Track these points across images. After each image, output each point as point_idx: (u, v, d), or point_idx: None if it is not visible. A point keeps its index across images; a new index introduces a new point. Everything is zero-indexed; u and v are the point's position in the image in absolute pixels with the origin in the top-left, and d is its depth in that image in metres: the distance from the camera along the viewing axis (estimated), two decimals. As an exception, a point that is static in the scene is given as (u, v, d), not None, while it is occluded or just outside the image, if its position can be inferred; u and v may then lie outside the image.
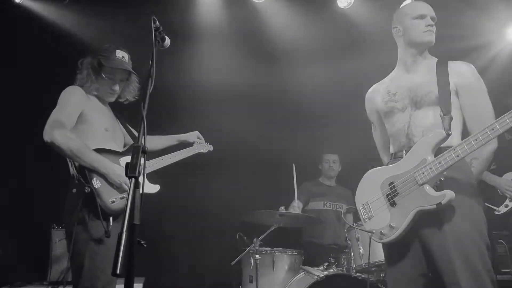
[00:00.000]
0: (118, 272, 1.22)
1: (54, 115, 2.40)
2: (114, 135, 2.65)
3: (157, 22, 1.99)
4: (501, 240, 4.17)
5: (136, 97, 2.79)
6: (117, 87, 2.66)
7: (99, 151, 2.43)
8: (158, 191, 2.71)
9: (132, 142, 2.81)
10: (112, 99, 2.72)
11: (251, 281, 3.55)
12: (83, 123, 2.48)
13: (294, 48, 4.94)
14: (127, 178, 1.42)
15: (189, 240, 4.66)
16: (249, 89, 4.83)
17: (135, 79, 2.78)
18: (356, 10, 4.89)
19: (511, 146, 3.59)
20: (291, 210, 4.16)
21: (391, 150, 2.38)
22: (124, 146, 2.75)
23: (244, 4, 4.77)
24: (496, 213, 3.41)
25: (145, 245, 1.39)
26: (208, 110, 4.76)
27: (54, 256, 3.81)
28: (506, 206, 3.37)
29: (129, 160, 1.46)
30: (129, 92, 2.78)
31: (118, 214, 2.40)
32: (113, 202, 2.39)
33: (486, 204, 3.39)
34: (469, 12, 4.48)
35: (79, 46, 4.19)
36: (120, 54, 2.64)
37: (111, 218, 2.37)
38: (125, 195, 2.42)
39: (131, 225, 1.35)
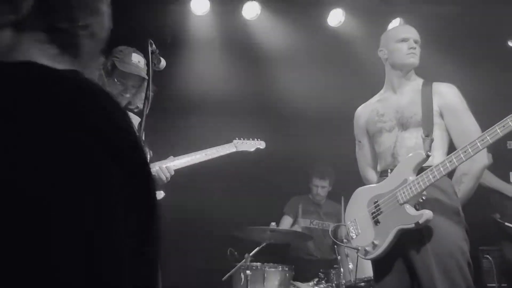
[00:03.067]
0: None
1: None
2: None
3: (154, 46, 2.09)
4: (487, 256, 4.25)
5: (140, 106, 2.67)
6: (128, 94, 2.53)
7: None
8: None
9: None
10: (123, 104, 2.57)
11: (241, 297, 3.59)
12: None
13: (285, 65, 5.04)
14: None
15: (179, 254, 4.69)
16: (240, 103, 4.91)
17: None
18: (347, 29, 5.02)
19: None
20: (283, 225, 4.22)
21: (378, 168, 2.47)
22: None
23: (236, 20, 4.88)
24: None
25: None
26: (201, 122, 4.83)
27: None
28: None
29: None
30: (141, 99, 2.60)
31: None
32: None
33: (506, 224, 3.28)
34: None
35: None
36: (136, 58, 2.49)
37: None
38: None
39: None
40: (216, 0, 4.72)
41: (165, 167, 2.48)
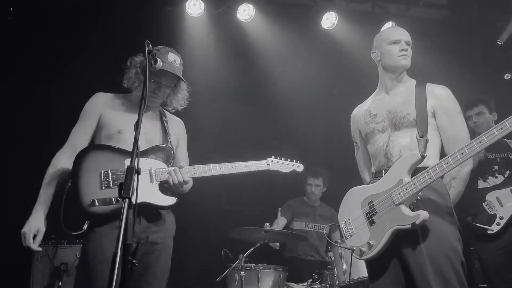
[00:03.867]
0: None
1: (69, 137, 2.45)
2: (132, 137, 2.45)
3: (150, 46, 2.09)
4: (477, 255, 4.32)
5: (184, 106, 2.68)
6: (161, 92, 2.51)
7: (100, 147, 2.39)
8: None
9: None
10: (154, 104, 2.56)
11: (236, 297, 3.59)
12: (101, 129, 2.45)
13: (278, 66, 5.07)
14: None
15: (174, 255, 4.68)
16: (233, 105, 4.91)
17: (185, 87, 2.64)
18: (340, 31, 5.07)
19: None
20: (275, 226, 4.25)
21: (372, 169, 2.49)
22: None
23: (230, 22, 4.90)
24: (490, 232, 3.40)
25: (137, 265, 1.45)
26: (193, 124, 4.82)
27: (35, 273, 3.78)
28: (498, 224, 3.39)
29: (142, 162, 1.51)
30: (177, 100, 2.64)
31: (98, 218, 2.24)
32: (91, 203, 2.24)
33: (478, 225, 3.46)
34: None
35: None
36: (172, 57, 2.50)
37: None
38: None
39: (124, 245, 1.41)
40: (211, 2, 4.74)
41: (179, 171, 2.38)
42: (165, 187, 2.41)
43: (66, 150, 2.41)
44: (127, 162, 2.29)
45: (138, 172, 1.54)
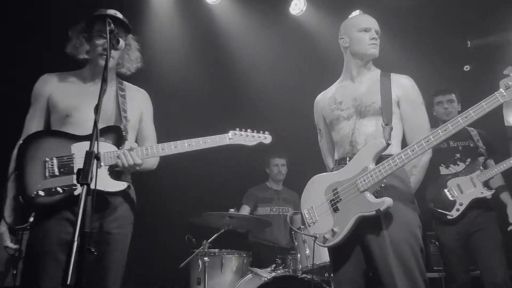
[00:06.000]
0: (68, 283, 1.21)
1: (25, 125, 2.31)
2: (82, 120, 2.25)
3: (112, 25, 1.99)
4: (434, 240, 4.49)
5: (139, 66, 2.49)
6: (115, 52, 2.29)
7: (43, 133, 2.24)
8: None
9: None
10: (102, 62, 2.27)
11: (199, 283, 3.58)
12: (51, 113, 2.31)
13: (246, 50, 5.01)
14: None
15: (136, 241, 4.59)
16: (198, 89, 4.83)
17: (135, 46, 2.49)
18: (308, 17, 5.06)
19: None
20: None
21: (336, 156, 2.50)
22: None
23: (197, 4, 4.78)
24: (450, 217, 3.54)
25: (95, 253, 1.39)
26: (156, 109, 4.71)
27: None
28: (458, 210, 3.52)
29: (87, 148, 1.45)
30: (129, 60, 2.45)
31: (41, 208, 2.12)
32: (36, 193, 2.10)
33: (438, 210, 3.59)
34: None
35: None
36: (113, 11, 2.34)
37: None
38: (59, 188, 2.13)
39: (82, 233, 1.35)
40: (177, -19, 4.60)
41: (128, 154, 2.20)
42: (118, 171, 2.26)
43: (20, 139, 2.27)
44: (74, 147, 2.19)
45: (97, 158, 1.47)
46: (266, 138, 2.53)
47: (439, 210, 3.60)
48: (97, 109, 1.60)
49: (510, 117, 4.86)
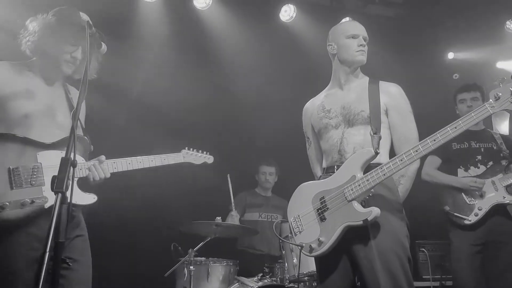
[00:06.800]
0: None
1: None
2: (41, 123, 2.09)
3: (93, 28, 1.93)
4: (423, 249, 4.47)
5: (95, 75, 2.29)
6: (79, 54, 2.14)
7: (7, 138, 1.98)
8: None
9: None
10: (69, 70, 2.17)
11: (184, 292, 3.50)
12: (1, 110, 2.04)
13: (234, 56, 4.98)
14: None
15: (122, 250, 4.51)
16: (187, 95, 4.78)
17: (98, 55, 2.25)
18: (298, 24, 5.05)
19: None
20: (229, 220, 4.18)
21: (324, 164, 2.47)
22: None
23: (186, 9, 4.74)
24: (468, 222, 3.31)
25: (70, 264, 1.33)
26: (143, 116, 4.66)
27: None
28: (476, 214, 3.31)
29: (55, 155, 1.37)
30: (94, 68, 2.27)
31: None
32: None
33: (455, 214, 3.40)
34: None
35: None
36: (85, 17, 2.05)
37: None
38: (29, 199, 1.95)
39: (55, 244, 1.29)
40: (166, -14, 4.56)
41: (99, 167, 2.14)
42: (84, 184, 2.16)
43: None
44: (41, 156, 2.02)
45: (73, 165, 1.41)
46: (209, 158, 2.80)
47: (455, 214, 3.39)
48: (75, 115, 1.55)
49: (500, 125, 4.84)
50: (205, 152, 2.78)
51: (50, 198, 1.96)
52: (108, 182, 2.57)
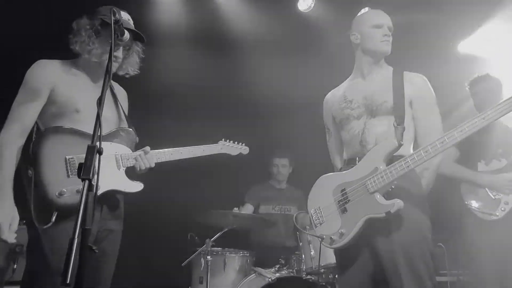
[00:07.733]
0: (68, 281, 1.16)
1: (11, 111, 2.13)
2: (91, 117, 2.16)
3: (117, 15, 1.92)
4: (440, 243, 4.41)
5: (137, 71, 2.42)
6: (120, 53, 2.28)
7: (59, 130, 2.12)
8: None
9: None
10: (112, 68, 2.24)
11: (201, 282, 3.53)
12: (50, 105, 2.16)
13: (254, 48, 4.95)
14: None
15: (139, 239, 4.55)
16: (206, 88, 4.79)
17: (138, 50, 2.41)
18: (316, 14, 4.98)
19: None
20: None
21: (345, 156, 2.43)
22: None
23: (205, 3, 4.73)
24: (495, 218, 3.17)
25: (96, 251, 1.34)
26: (161, 109, 4.67)
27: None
28: (503, 209, 3.16)
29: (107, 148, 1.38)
30: (130, 63, 2.39)
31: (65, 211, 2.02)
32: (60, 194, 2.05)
33: (481, 210, 3.25)
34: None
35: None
36: (126, 16, 2.27)
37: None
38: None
39: (83, 230, 1.29)
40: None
41: (145, 157, 2.29)
42: (130, 173, 2.29)
43: (13, 126, 2.11)
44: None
45: (99, 152, 1.41)
46: (245, 149, 2.90)
47: (481, 210, 3.25)
48: (100, 102, 1.54)
49: None
50: (241, 143, 2.85)
51: (102, 186, 2.11)
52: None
